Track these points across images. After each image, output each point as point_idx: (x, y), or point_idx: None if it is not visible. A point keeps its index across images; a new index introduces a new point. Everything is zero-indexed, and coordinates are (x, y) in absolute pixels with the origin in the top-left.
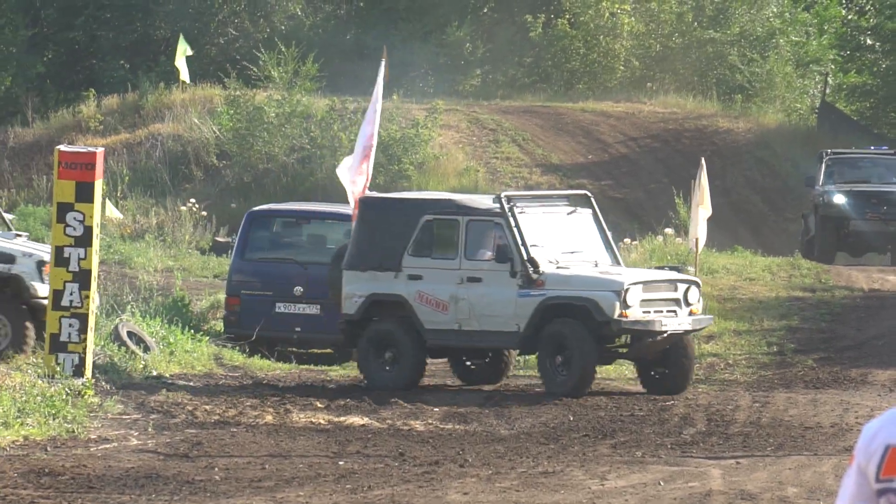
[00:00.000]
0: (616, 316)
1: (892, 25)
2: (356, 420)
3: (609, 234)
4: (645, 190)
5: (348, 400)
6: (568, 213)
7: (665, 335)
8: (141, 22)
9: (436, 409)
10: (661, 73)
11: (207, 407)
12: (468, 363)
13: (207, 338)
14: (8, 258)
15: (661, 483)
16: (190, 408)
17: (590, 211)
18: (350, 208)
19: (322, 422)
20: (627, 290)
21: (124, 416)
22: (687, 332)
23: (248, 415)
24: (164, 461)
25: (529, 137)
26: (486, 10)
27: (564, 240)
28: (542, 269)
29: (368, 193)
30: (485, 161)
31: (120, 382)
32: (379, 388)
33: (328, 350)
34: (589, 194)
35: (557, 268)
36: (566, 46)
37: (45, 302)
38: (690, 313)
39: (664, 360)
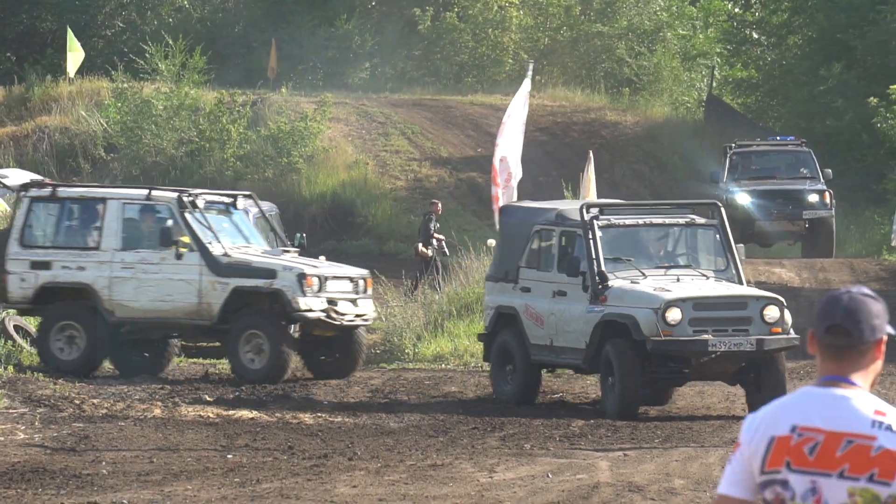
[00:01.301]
0: (653, 335)
1: (777, 20)
2: (245, 413)
3: (733, 245)
4: (534, 183)
5: (237, 393)
6: (681, 224)
7: (715, 355)
8: (27, 14)
9: (325, 402)
10: (549, 67)
11: (95, 401)
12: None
13: None
14: (269, 273)
15: (550, 475)
16: (77, 402)
17: (714, 221)
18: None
19: (211, 415)
20: (668, 307)
21: (11, 411)
22: (750, 354)
23: (136, 408)
24: (51, 455)
25: (419, 130)
26: (374, 3)
27: (667, 252)
28: (609, 283)
29: (512, 203)
30: (374, 154)
31: (6, 377)
32: (503, 401)
33: (216, 343)
34: (719, 204)
35: (631, 283)
36: (455, 40)
37: (310, 315)
38: (771, 332)
39: None
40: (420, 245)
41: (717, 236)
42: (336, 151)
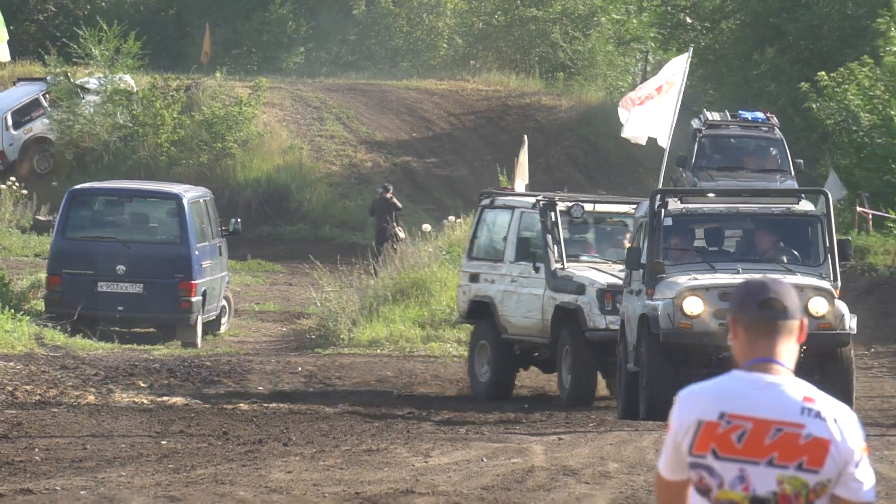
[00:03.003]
0: (668, 327)
1: (710, 4)
2: (179, 400)
3: (835, 239)
4: (469, 167)
5: (172, 379)
6: (776, 212)
7: None
8: None
9: (260, 389)
10: (484, 51)
11: (28, 387)
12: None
13: (28, 317)
14: (580, 289)
15: (485, 459)
16: (10, 388)
17: (817, 211)
18: None
19: (145, 401)
20: (684, 298)
21: None
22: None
23: (69, 395)
24: None
25: (354, 115)
26: None
27: (752, 245)
28: (662, 276)
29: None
30: (309, 139)
31: None
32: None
33: (151, 329)
34: (828, 192)
35: (683, 275)
36: (390, 24)
37: (602, 334)
38: (818, 328)
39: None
40: (395, 225)
41: (818, 229)
42: (271, 136)
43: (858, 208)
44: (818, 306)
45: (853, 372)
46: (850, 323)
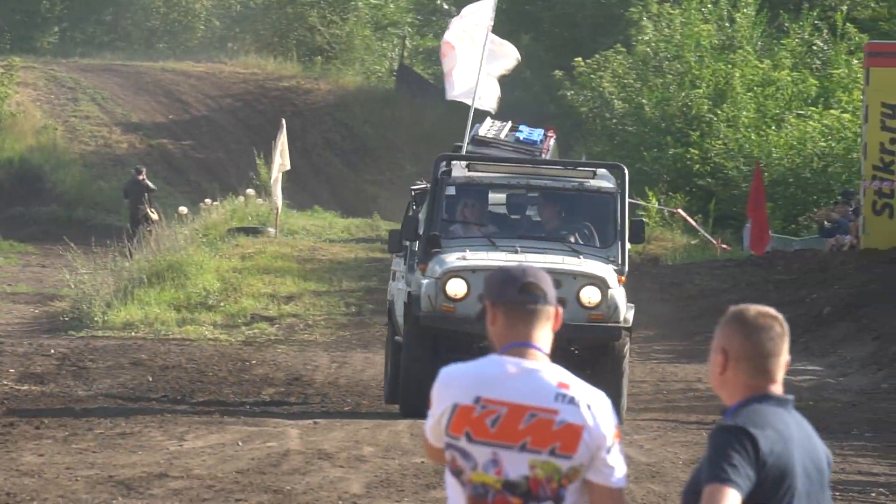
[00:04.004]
0: (428, 309)
1: None
2: None
3: (626, 219)
4: (226, 150)
5: None
6: (568, 187)
7: None
8: None
9: (11, 371)
10: (241, 34)
11: None
12: None
13: None
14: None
15: (240, 443)
16: None
17: (612, 188)
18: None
19: None
20: (447, 279)
21: None
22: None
23: None
24: None
25: (109, 96)
26: None
27: (537, 220)
28: (437, 252)
29: None
30: (63, 119)
31: None
32: None
33: None
34: (623, 167)
35: (456, 253)
36: (146, 5)
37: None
38: (590, 318)
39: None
40: (148, 207)
41: (611, 207)
42: (24, 116)
43: None
44: (590, 296)
45: (625, 369)
46: (626, 315)
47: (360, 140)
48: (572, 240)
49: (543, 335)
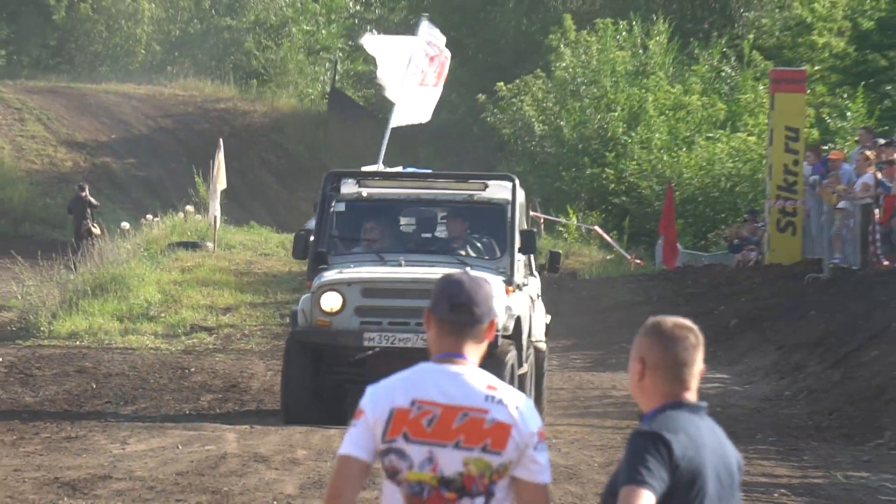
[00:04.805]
0: (303, 324)
1: (396, 17)
2: None
3: (516, 231)
4: (166, 168)
5: None
6: (458, 199)
7: (374, 352)
8: None
9: None
10: (180, 58)
11: None
12: None
13: None
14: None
15: (180, 446)
16: None
17: (501, 199)
18: None
19: None
20: (322, 293)
21: None
22: (424, 352)
23: None
24: None
25: (55, 117)
26: None
27: (428, 235)
28: (324, 268)
29: None
30: (10, 139)
31: None
32: None
33: None
34: (514, 177)
35: (341, 268)
36: (89, 30)
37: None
38: None
39: None
40: (91, 222)
41: (502, 218)
42: None
43: (531, 212)
44: None
45: (508, 374)
46: (507, 323)
47: (293, 159)
48: (462, 252)
49: (472, 348)
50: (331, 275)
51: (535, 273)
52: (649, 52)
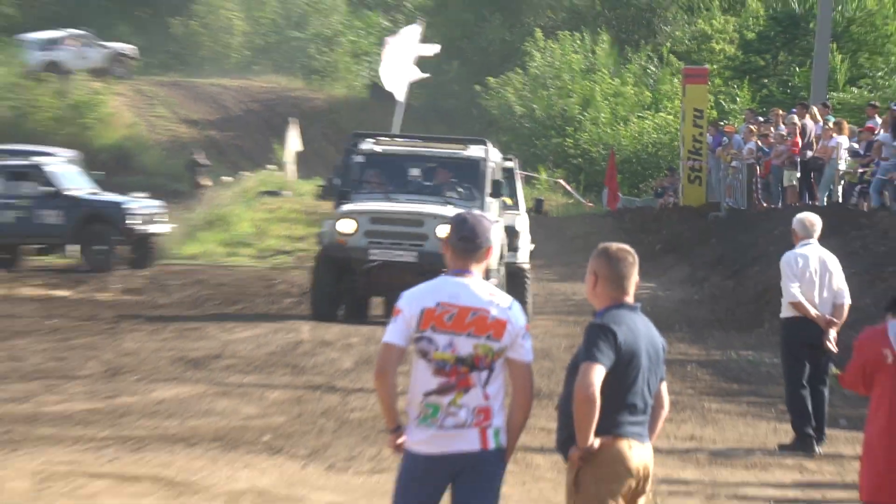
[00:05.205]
0: (328, 242)
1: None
2: (61, 293)
3: (488, 179)
4: (254, 139)
5: (57, 279)
6: (445, 156)
7: (376, 264)
8: None
9: (118, 286)
10: (263, 59)
11: None
12: None
13: None
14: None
15: (270, 334)
16: None
17: (477, 156)
18: None
19: (38, 294)
20: (339, 219)
21: None
22: (413, 266)
23: None
24: None
25: (175, 103)
26: None
27: (426, 181)
28: (345, 202)
29: None
30: (145, 119)
31: None
32: None
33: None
34: (486, 141)
35: (355, 203)
36: (198, 40)
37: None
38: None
39: None
40: (201, 177)
41: (478, 171)
42: (118, 117)
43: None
44: (442, 231)
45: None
46: None
47: (344, 133)
48: (448, 195)
49: (476, 266)
50: (348, 206)
51: (524, 213)
52: (596, 55)
